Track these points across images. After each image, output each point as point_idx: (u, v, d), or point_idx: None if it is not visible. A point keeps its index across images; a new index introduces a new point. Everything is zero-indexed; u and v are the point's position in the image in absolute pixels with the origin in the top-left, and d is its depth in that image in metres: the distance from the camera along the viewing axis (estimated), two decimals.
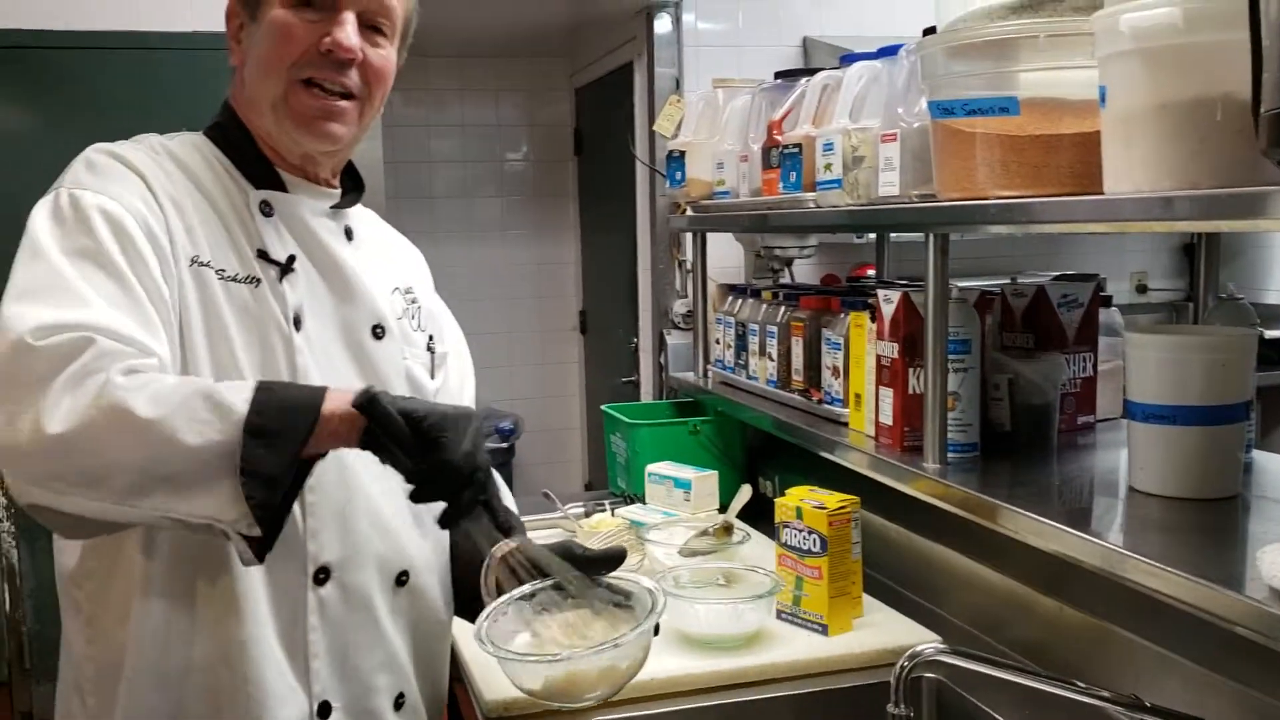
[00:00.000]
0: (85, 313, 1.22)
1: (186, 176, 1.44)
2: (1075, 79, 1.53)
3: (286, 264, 1.45)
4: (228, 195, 1.45)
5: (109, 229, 1.30)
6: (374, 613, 1.49)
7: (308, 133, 1.46)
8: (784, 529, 2.00)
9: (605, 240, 4.88)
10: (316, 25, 1.42)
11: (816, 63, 3.71)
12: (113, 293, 1.26)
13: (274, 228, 1.46)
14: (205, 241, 1.39)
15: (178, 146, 1.48)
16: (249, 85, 1.48)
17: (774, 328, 2.58)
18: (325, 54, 1.42)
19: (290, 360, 1.42)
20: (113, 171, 1.37)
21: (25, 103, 3.84)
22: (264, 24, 1.44)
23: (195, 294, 1.36)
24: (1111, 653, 1.72)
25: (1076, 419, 2.13)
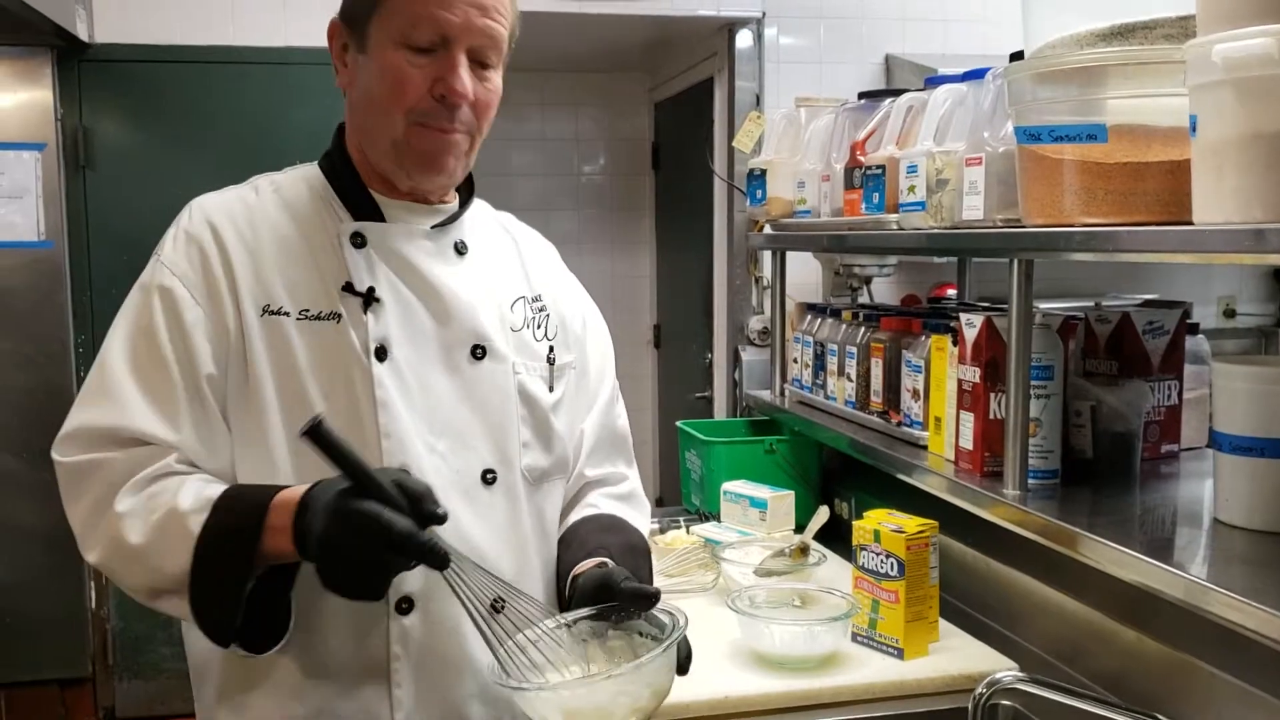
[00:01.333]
0: (110, 417, 1.37)
1: (285, 215, 1.48)
2: (1165, 106, 1.52)
3: (369, 295, 1.45)
4: (324, 229, 1.48)
5: (163, 309, 1.41)
6: (461, 641, 1.46)
7: (425, 170, 1.47)
8: (861, 552, 2.00)
9: (681, 255, 4.89)
10: (429, 68, 1.42)
11: (899, 81, 3.70)
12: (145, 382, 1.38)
13: (364, 259, 1.46)
14: (284, 286, 1.44)
15: (288, 184, 1.53)
16: (361, 116, 1.49)
17: (853, 348, 2.58)
18: (438, 98, 1.42)
19: (369, 394, 1.42)
20: (190, 236, 1.45)
21: (128, 114, 3.95)
22: (376, 62, 1.43)
23: (264, 342, 1.41)
24: (1192, 686, 1.70)
25: (1160, 447, 2.10)
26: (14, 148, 3.79)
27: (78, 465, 1.37)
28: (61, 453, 1.39)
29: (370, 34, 1.44)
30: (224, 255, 1.43)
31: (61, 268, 3.91)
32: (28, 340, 3.92)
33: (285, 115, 4.00)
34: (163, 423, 1.37)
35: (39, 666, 4.03)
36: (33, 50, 3.77)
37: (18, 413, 3.94)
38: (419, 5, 1.40)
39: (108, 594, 4.12)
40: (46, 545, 4.00)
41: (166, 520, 1.32)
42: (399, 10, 1.41)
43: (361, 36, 1.45)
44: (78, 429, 1.38)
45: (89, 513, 1.36)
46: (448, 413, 1.48)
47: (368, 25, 1.44)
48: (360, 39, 1.45)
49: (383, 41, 1.42)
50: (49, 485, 4.37)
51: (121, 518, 1.33)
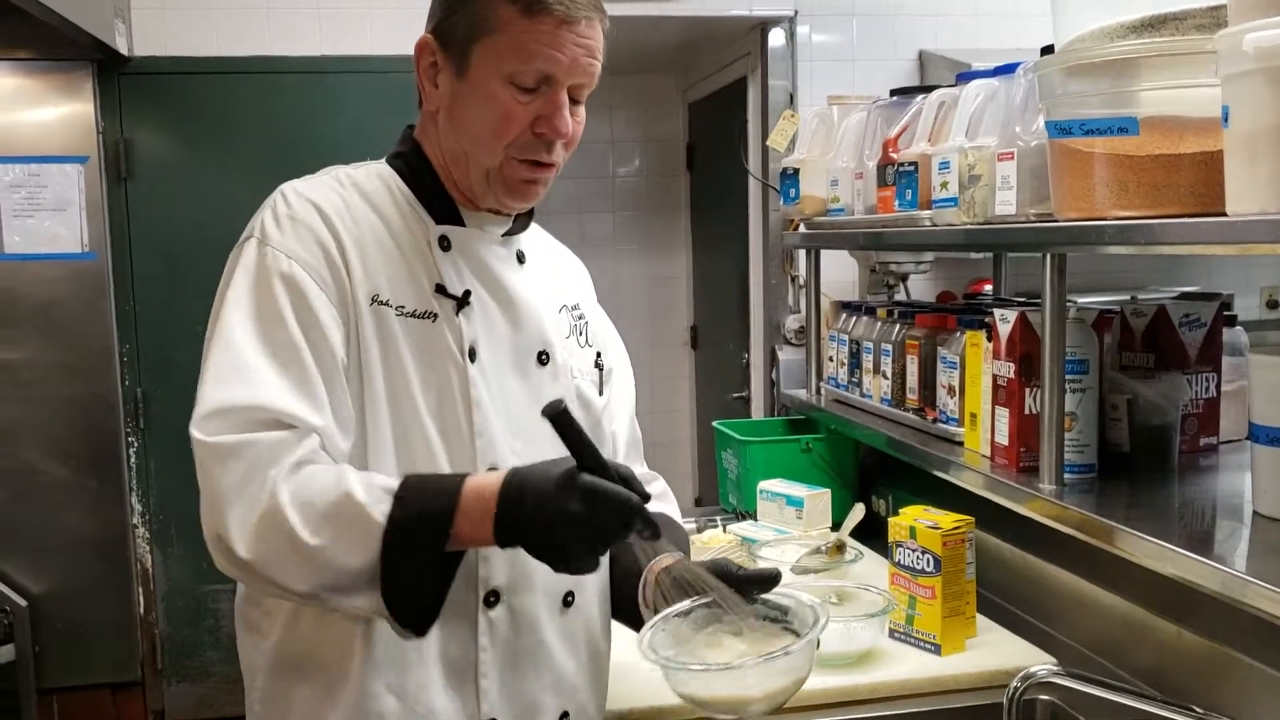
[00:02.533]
0: (253, 395, 1.33)
1: (371, 210, 1.48)
2: (1197, 97, 1.51)
3: (463, 298, 1.48)
4: (409, 230, 1.49)
5: (288, 295, 1.38)
6: (541, 634, 1.52)
7: (516, 198, 1.50)
8: (897, 548, 2.00)
9: (716, 255, 4.90)
10: (533, 106, 1.43)
11: (932, 77, 3.69)
12: (284, 367, 1.35)
13: (451, 262, 1.49)
14: (385, 279, 1.44)
15: (364, 179, 1.52)
16: (453, 140, 1.49)
17: (889, 346, 2.58)
18: (538, 135, 1.44)
19: (465, 393, 1.46)
20: (297, 222, 1.42)
21: (168, 125, 4.01)
22: (479, 93, 1.43)
23: (374, 331, 1.42)
24: (1232, 680, 1.69)
25: (1199, 440, 2.09)
26: (57, 161, 3.85)
27: (224, 444, 1.31)
28: (204, 431, 1.32)
29: (472, 62, 1.43)
30: (337, 242, 1.42)
31: (105, 278, 3.97)
32: (73, 350, 3.98)
33: (321, 123, 4.04)
34: (306, 405, 1.35)
35: (90, 671, 4.09)
36: (74, 65, 3.83)
37: (65, 421, 4.00)
38: (532, 45, 1.40)
39: (155, 599, 4.17)
40: (95, 552, 4.06)
41: (341, 513, 1.30)
42: (510, 47, 1.41)
43: (461, 62, 1.44)
44: (220, 407, 1.32)
45: (237, 497, 1.30)
46: (522, 415, 1.50)
47: (469, 52, 1.43)
48: (459, 64, 1.44)
49: (487, 74, 1.42)
50: (96, 492, 4.45)
51: (285, 511, 1.29)
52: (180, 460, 4.49)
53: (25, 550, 4.01)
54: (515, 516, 1.31)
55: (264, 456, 1.30)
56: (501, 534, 1.31)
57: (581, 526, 1.30)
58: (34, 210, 3.86)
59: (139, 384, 4.06)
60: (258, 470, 1.30)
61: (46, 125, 3.87)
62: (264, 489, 1.29)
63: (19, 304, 3.90)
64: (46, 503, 4.00)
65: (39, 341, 3.96)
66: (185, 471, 4.20)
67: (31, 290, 3.92)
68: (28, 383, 3.95)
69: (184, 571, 4.19)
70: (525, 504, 1.30)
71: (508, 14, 1.40)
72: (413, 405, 1.44)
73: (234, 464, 1.30)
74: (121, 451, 4.06)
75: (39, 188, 3.86)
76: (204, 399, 1.33)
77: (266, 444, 1.31)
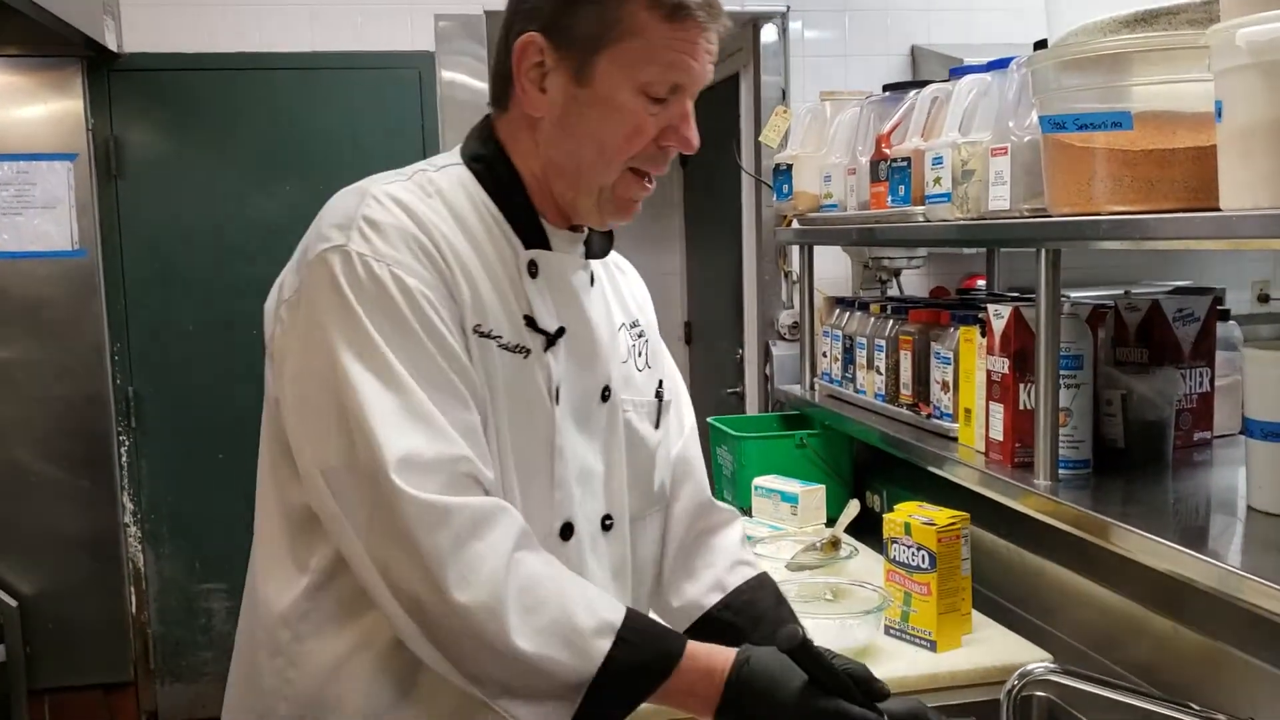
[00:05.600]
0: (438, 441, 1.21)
1: (460, 227, 1.32)
2: (1190, 92, 1.50)
3: (555, 336, 1.36)
4: (498, 250, 1.34)
5: (417, 320, 1.23)
6: None
7: (621, 216, 1.39)
8: (892, 545, 1.99)
9: (711, 251, 4.89)
10: (660, 117, 1.32)
11: (925, 72, 3.69)
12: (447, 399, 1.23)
13: (540, 292, 1.36)
14: (487, 305, 1.31)
15: (446, 186, 1.34)
16: (563, 151, 1.34)
17: (882, 341, 2.58)
18: (662, 147, 1.34)
19: (549, 439, 1.36)
20: (403, 232, 1.26)
21: (158, 122, 3.99)
22: (607, 103, 1.30)
23: (480, 363, 1.29)
24: (1228, 675, 1.69)
25: (1193, 435, 2.09)
26: (46, 158, 3.84)
27: (437, 506, 1.18)
28: (408, 483, 1.18)
29: (598, 68, 1.29)
30: (444, 259, 1.28)
31: (95, 276, 3.95)
32: (64, 349, 3.97)
33: (313, 120, 4.03)
34: (479, 453, 1.24)
35: (83, 671, 4.08)
36: (63, 61, 3.81)
37: (56, 421, 3.99)
38: (671, 53, 1.29)
39: (148, 599, 4.16)
40: (87, 552, 4.05)
41: (558, 631, 1.20)
42: (647, 55, 1.29)
43: (583, 67, 1.30)
44: (411, 456, 1.19)
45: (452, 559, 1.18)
46: (585, 462, 1.41)
47: (594, 57, 1.29)
48: (580, 69, 1.30)
49: (617, 82, 1.30)
50: (88, 492, 4.43)
51: (506, 611, 1.18)
52: (172, 459, 4.49)
53: (16, 550, 4.00)
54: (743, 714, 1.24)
55: (477, 528, 1.20)
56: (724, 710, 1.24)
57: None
58: (23, 208, 3.85)
59: (130, 383, 4.05)
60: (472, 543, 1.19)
61: (35, 122, 3.85)
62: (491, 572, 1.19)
63: (9, 303, 3.88)
64: (38, 502, 3.99)
65: (29, 340, 3.94)
66: (177, 471, 4.20)
67: (21, 289, 3.90)
68: (18, 382, 3.94)
69: (176, 571, 4.18)
70: (761, 707, 1.23)
71: (647, 19, 1.28)
72: (504, 450, 1.32)
73: (448, 528, 1.18)
74: (113, 451, 4.04)
75: (28, 185, 3.84)
76: (390, 441, 1.18)
77: (474, 513, 1.20)
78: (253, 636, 1.37)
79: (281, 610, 1.32)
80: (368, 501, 1.20)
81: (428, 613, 1.19)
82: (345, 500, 1.22)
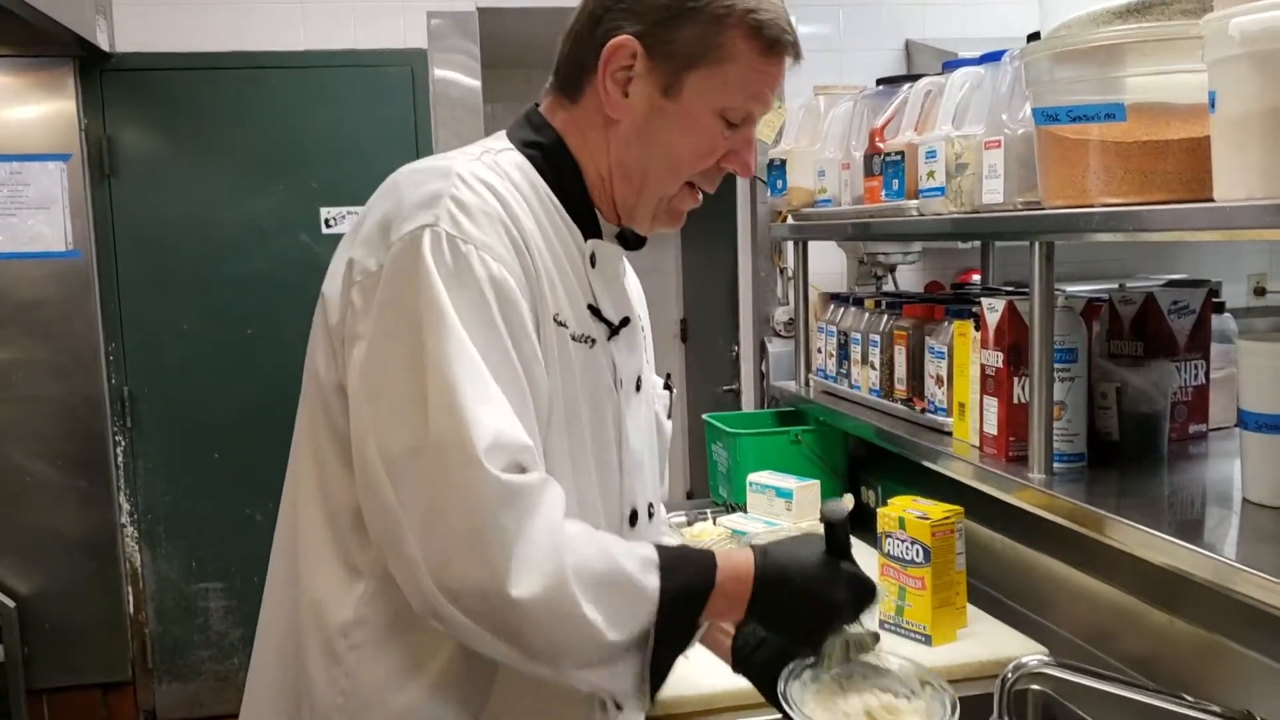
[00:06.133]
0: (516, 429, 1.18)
1: (532, 213, 1.30)
2: (1184, 83, 1.50)
3: (620, 325, 1.39)
4: (561, 240, 1.34)
5: (500, 309, 1.21)
6: None
7: (670, 225, 1.43)
8: (886, 539, 1.99)
9: (706, 248, 4.89)
10: (730, 140, 1.35)
11: (920, 66, 3.69)
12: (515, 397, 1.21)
13: (600, 281, 1.38)
14: (562, 295, 1.32)
15: (511, 171, 1.32)
16: (631, 156, 1.35)
17: (876, 337, 2.57)
18: (721, 168, 1.38)
19: (618, 426, 1.39)
20: (490, 216, 1.24)
21: (151, 122, 3.99)
22: (688, 119, 1.32)
23: (557, 353, 1.30)
24: (1223, 667, 1.68)
25: (1188, 428, 2.09)
26: (39, 159, 3.83)
27: (512, 486, 1.15)
28: (494, 463, 1.15)
29: (686, 84, 1.31)
30: (528, 247, 1.27)
31: (90, 277, 3.95)
32: (59, 350, 3.96)
33: (306, 119, 4.02)
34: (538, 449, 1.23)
35: (80, 671, 4.08)
36: (55, 61, 3.81)
37: (51, 422, 3.98)
38: (756, 84, 1.33)
39: (145, 598, 4.16)
40: (84, 552, 4.04)
41: (613, 583, 1.21)
42: (735, 82, 1.31)
43: (673, 82, 1.31)
44: (500, 441, 1.16)
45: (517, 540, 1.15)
46: (637, 446, 1.44)
47: (686, 74, 1.31)
48: (670, 84, 1.31)
49: (701, 101, 1.32)
50: (84, 492, 4.43)
51: (570, 584, 1.17)
52: (168, 459, 4.50)
53: (13, 551, 3.99)
54: (774, 601, 1.30)
55: (547, 506, 1.18)
56: (753, 614, 1.31)
57: (838, 612, 1.32)
58: (17, 209, 3.84)
59: (126, 383, 4.05)
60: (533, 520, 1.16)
61: (28, 123, 3.85)
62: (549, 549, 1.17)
63: (3, 304, 3.88)
64: (34, 503, 3.98)
65: (24, 341, 3.94)
66: (173, 470, 4.20)
67: (16, 290, 3.90)
68: (13, 383, 3.94)
69: (173, 570, 4.17)
70: (787, 589, 1.30)
71: (745, 49, 1.31)
72: (581, 440, 1.34)
73: (514, 507, 1.15)
74: (109, 451, 4.04)
75: (21, 186, 3.83)
76: (478, 422, 1.15)
77: (550, 493, 1.19)
78: (301, 640, 1.31)
79: (338, 617, 1.28)
80: (438, 488, 1.15)
81: (493, 606, 1.15)
82: (407, 491, 1.16)
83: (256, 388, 4.08)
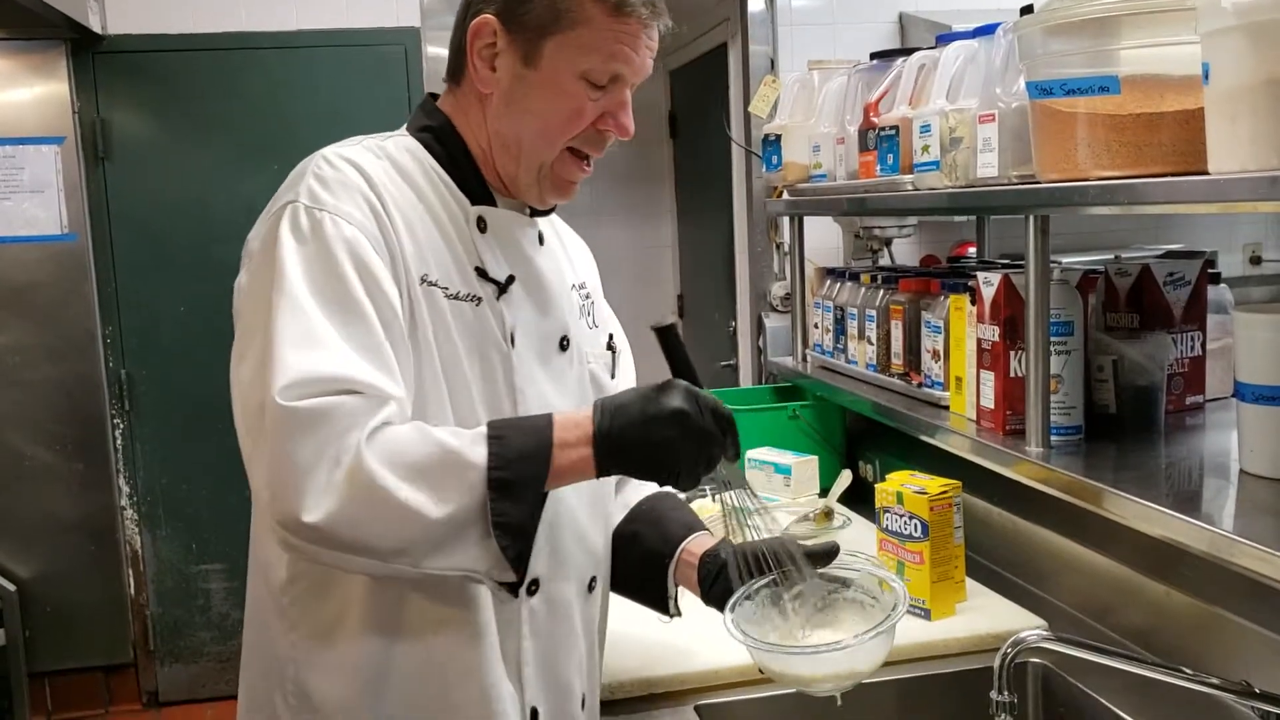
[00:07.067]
0: (330, 363, 1.24)
1: (408, 185, 1.41)
2: (1177, 55, 1.49)
3: (505, 284, 1.45)
4: (446, 209, 1.43)
5: (350, 260, 1.29)
6: (571, 620, 1.51)
7: (559, 194, 1.50)
8: (885, 514, 1.99)
9: (702, 223, 4.88)
10: (600, 103, 1.42)
11: (913, 39, 3.66)
12: (355, 335, 1.27)
13: (489, 245, 1.45)
14: (432, 258, 1.39)
15: (394, 150, 1.44)
16: (507, 128, 1.44)
17: (873, 311, 2.57)
18: (600, 131, 1.44)
19: (509, 380, 1.44)
20: (347, 186, 1.34)
21: (145, 104, 3.98)
22: (550, 86, 1.41)
23: (427, 313, 1.37)
24: (1221, 638, 1.69)
25: (1185, 399, 2.09)
26: (33, 142, 3.82)
27: (304, 410, 1.21)
28: (286, 397, 1.21)
29: (544, 52, 1.40)
30: (388, 214, 1.35)
31: (85, 259, 3.95)
32: (55, 333, 3.96)
33: (299, 98, 4.01)
34: (384, 376, 1.27)
35: (82, 654, 4.10)
36: (47, 44, 3.80)
37: (49, 405, 3.99)
38: (614, 45, 1.39)
39: (145, 580, 4.17)
40: (84, 535, 4.06)
41: (435, 462, 1.25)
42: (591, 44, 1.39)
43: (531, 51, 1.40)
44: (302, 376, 1.22)
45: (315, 460, 1.21)
46: (551, 403, 1.47)
47: (542, 42, 1.40)
48: (528, 53, 1.40)
49: (560, 66, 1.40)
50: (83, 475, 4.44)
51: (370, 467, 1.21)
52: (166, 441, 4.51)
53: (13, 535, 4.00)
54: (621, 439, 1.31)
55: (344, 421, 1.22)
56: (603, 452, 1.31)
57: (687, 425, 1.31)
58: (11, 192, 3.83)
59: (123, 365, 4.05)
60: (337, 434, 1.22)
61: (20, 106, 3.83)
62: (346, 450, 1.21)
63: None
64: (33, 487, 3.99)
65: (20, 325, 3.94)
66: (171, 452, 4.21)
67: (11, 273, 3.90)
68: (10, 367, 3.94)
69: (173, 552, 4.18)
70: (627, 413, 1.32)
71: (594, 11, 1.38)
72: (466, 392, 1.40)
73: (314, 431, 1.21)
74: (107, 434, 4.05)
75: (15, 169, 3.83)
76: (284, 366, 1.22)
77: (349, 408, 1.23)
78: (260, 603, 1.44)
79: (279, 576, 1.40)
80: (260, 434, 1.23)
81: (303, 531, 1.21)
82: (246, 443, 1.27)
83: None
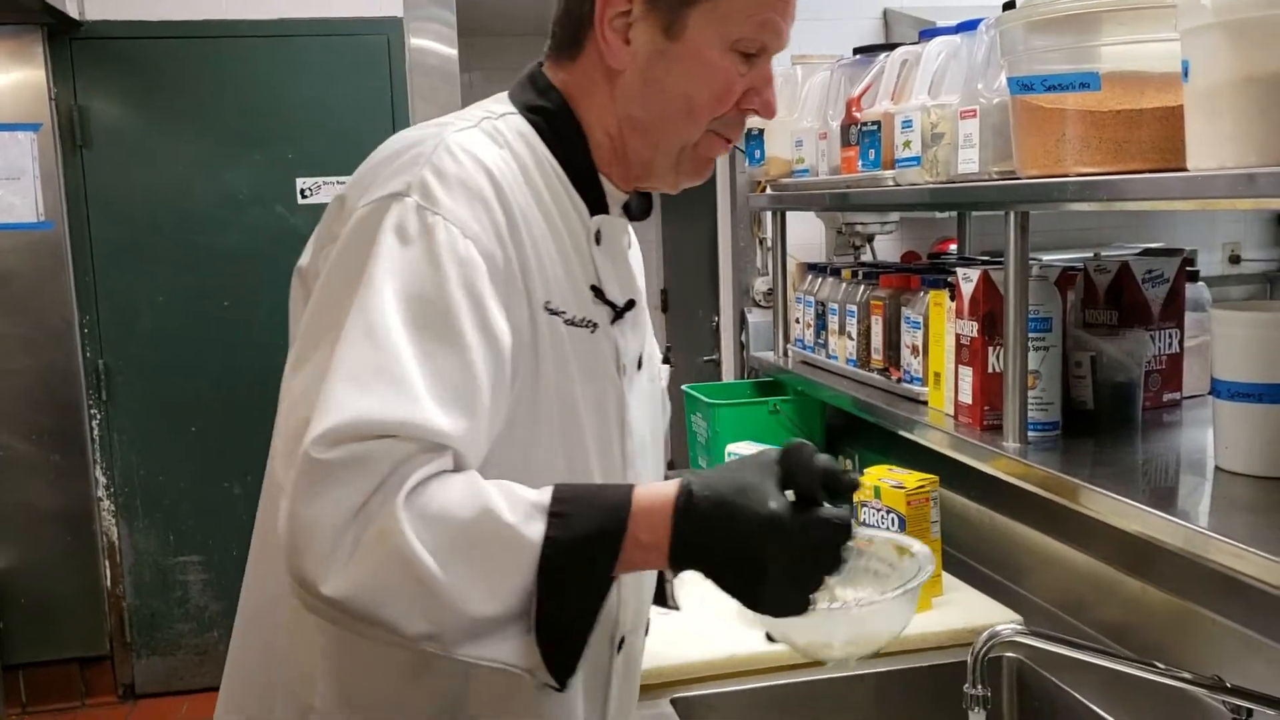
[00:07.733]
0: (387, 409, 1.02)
1: (527, 183, 1.21)
2: (1158, 52, 1.50)
3: (625, 308, 1.30)
4: (564, 217, 1.25)
5: (460, 281, 1.09)
6: (639, 662, 1.43)
7: (697, 176, 1.33)
8: (862, 508, 2.00)
9: (686, 218, 4.88)
10: (748, 78, 1.25)
11: (897, 35, 3.67)
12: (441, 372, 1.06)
13: (605, 260, 1.28)
14: (552, 278, 1.21)
15: (512, 138, 1.24)
16: (643, 108, 1.26)
17: (853, 307, 2.57)
18: (743, 109, 1.27)
19: (620, 415, 1.29)
20: (470, 189, 1.14)
21: (124, 92, 3.95)
22: (696, 59, 1.23)
23: (549, 342, 1.20)
24: (1195, 634, 1.70)
25: (1162, 396, 2.10)
26: (8, 129, 3.79)
27: (340, 462, 1.00)
28: (320, 447, 1.00)
29: (689, 22, 1.22)
30: (514, 227, 1.16)
31: (62, 248, 3.92)
32: (31, 322, 3.94)
33: (281, 87, 3.99)
34: (453, 417, 1.05)
35: (58, 646, 4.08)
36: (22, 29, 3.76)
37: (25, 395, 3.96)
38: (767, 12, 1.23)
39: (122, 572, 4.15)
40: (60, 526, 4.03)
41: (480, 535, 1.03)
42: (739, 11, 1.22)
43: (674, 20, 1.22)
44: (347, 423, 1.00)
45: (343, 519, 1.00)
46: (642, 431, 1.35)
47: (686, 10, 1.21)
48: (670, 22, 1.22)
49: (709, 37, 1.22)
50: (60, 466, 4.41)
51: (404, 532, 0.99)
52: (144, 432, 4.48)
53: None
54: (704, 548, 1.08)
55: (382, 469, 1.01)
56: (680, 553, 1.08)
57: (786, 538, 1.05)
58: None
59: (100, 356, 4.02)
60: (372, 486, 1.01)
61: None
62: (380, 506, 1.00)
63: None
64: (8, 478, 3.97)
65: None
66: (149, 443, 4.19)
67: None
68: None
69: (150, 543, 4.16)
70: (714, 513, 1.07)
71: None
72: (578, 429, 1.23)
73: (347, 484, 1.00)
74: (84, 424, 4.02)
75: None
76: (334, 404, 1.01)
77: (393, 456, 1.01)
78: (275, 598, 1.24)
79: None
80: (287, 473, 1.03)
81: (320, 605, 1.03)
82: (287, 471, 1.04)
83: (233, 359, 4.06)
